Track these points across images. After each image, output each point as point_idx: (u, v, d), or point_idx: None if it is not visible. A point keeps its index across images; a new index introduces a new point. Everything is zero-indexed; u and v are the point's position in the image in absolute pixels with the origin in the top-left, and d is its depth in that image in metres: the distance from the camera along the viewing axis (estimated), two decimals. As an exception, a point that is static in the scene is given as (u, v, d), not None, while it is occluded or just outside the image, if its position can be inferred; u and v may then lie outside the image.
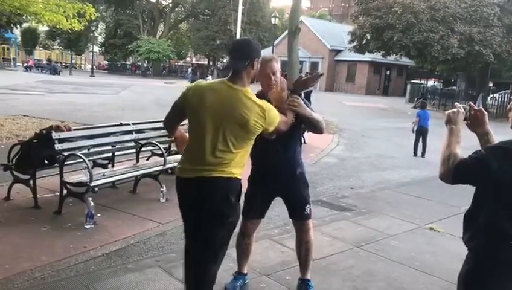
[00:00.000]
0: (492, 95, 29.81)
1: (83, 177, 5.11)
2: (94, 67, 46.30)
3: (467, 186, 2.05)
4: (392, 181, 8.26)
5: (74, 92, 22.28)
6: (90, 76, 40.15)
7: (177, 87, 30.49)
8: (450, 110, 2.16)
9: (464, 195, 2.06)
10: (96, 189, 4.94)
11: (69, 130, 5.69)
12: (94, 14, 11.04)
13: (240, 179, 2.65)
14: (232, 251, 3.24)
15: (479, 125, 2.17)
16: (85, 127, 6.87)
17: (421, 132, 10.98)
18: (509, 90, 28.99)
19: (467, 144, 2.19)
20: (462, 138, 2.08)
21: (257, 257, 3.50)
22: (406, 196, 7.11)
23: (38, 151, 5.24)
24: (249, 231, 3.35)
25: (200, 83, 2.72)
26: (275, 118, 2.65)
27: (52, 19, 10.33)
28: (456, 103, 2.23)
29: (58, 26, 11.25)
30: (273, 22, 31.53)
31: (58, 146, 5.11)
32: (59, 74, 39.62)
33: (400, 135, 14.24)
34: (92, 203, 4.70)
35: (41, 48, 58.05)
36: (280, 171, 3.24)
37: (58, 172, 5.11)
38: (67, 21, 10.73)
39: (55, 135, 5.18)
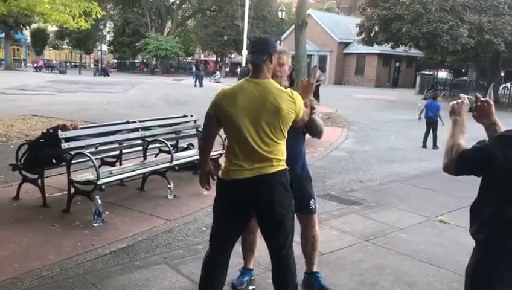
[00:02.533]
0: (504, 85, 29.42)
1: (90, 175, 5.14)
2: (103, 66, 46.58)
3: (477, 178, 2.00)
4: (402, 174, 8.19)
5: (83, 91, 22.43)
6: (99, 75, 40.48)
7: (185, 84, 30.62)
8: (454, 102, 2.13)
9: (475, 187, 2.01)
10: (103, 187, 4.97)
11: (76, 128, 5.72)
12: (100, 13, 11.03)
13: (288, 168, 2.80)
14: (238, 247, 3.23)
15: (486, 116, 2.12)
16: (91, 125, 6.89)
17: (430, 124, 10.87)
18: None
19: (473, 135, 2.14)
20: (467, 129, 2.04)
21: (263, 253, 3.47)
22: (416, 188, 7.04)
23: (45, 151, 5.27)
24: (254, 227, 3.33)
25: (227, 87, 2.81)
26: (302, 102, 2.79)
27: (59, 18, 10.35)
28: (461, 94, 2.20)
29: (65, 26, 11.28)
30: (280, 16, 31.40)
31: (65, 145, 5.13)
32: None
33: (410, 127, 14.13)
34: (99, 201, 4.72)
35: (50, 48, 58.53)
36: None
37: (66, 171, 5.14)
38: (74, 20, 10.76)
39: (61, 134, 5.19)
